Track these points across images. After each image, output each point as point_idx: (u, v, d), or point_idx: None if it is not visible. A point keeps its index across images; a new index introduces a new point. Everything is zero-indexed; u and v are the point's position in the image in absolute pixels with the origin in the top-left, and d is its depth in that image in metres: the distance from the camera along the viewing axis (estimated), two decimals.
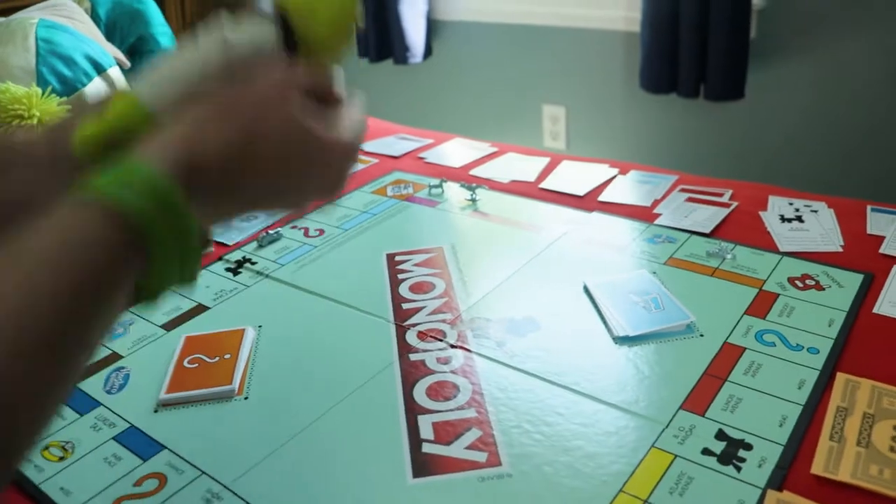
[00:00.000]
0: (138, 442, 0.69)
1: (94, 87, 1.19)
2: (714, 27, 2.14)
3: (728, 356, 0.74)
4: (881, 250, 0.92)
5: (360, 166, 1.32)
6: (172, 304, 0.92)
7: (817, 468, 0.60)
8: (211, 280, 0.97)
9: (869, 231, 0.98)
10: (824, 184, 2.10)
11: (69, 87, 1.14)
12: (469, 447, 0.64)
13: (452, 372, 0.74)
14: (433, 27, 2.88)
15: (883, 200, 1.07)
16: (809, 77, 2.21)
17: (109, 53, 1.27)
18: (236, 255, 1.02)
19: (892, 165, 2.17)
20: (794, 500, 0.57)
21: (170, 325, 0.87)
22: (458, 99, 2.96)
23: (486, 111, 2.90)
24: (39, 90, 1.03)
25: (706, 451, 0.62)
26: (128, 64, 1.33)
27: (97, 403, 0.75)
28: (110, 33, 1.36)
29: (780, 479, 0.59)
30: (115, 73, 1.25)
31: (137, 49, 1.40)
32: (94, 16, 1.34)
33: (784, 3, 2.17)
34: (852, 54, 2.13)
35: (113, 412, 0.73)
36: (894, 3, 2.02)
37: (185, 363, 0.79)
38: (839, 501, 0.57)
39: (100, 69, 1.21)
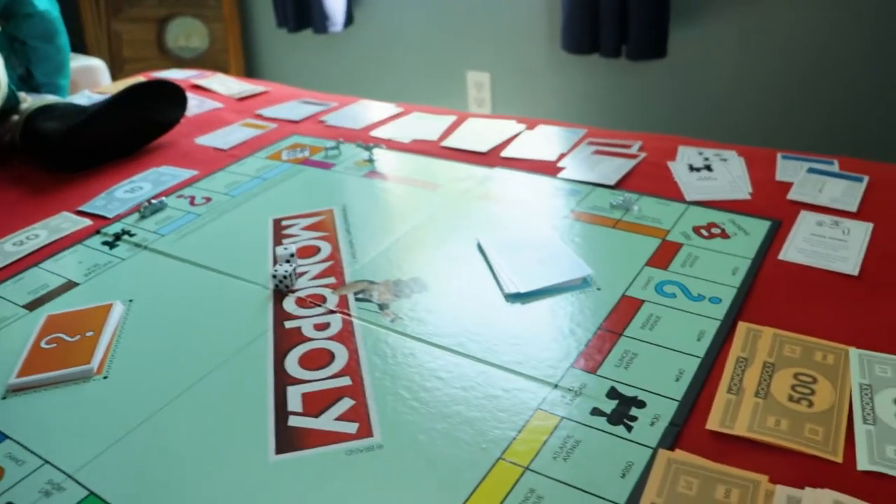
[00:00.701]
0: None
1: None
2: None
3: (625, 310, 0.69)
4: (789, 196, 0.89)
5: (257, 132, 1.24)
6: (39, 281, 0.84)
7: (713, 423, 0.56)
8: (84, 255, 0.89)
9: (778, 178, 0.94)
10: (745, 141, 2.08)
11: None
12: (339, 418, 0.59)
13: (329, 338, 0.68)
14: None
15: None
16: (732, 35, 2.19)
17: None
18: (115, 228, 0.95)
19: (810, 122, 2.16)
20: (686, 458, 0.52)
21: (33, 305, 0.80)
22: (381, 68, 2.89)
23: (409, 80, 2.84)
24: None
25: (596, 412, 0.58)
26: None
27: None
28: None
29: (672, 437, 0.55)
30: None
31: (12, 11, 1.30)
32: None
33: None
34: (774, 11, 2.12)
35: None
36: None
37: (43, 344, 0.72)
38: (734, 457, 0.53)
39: None
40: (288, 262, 0.78)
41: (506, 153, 1.06)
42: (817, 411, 0.56)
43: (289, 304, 0.74)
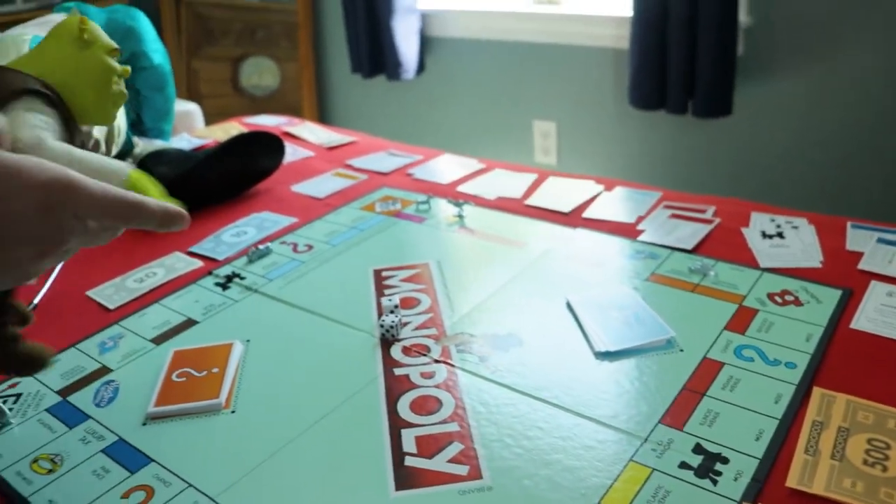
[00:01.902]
0: (126, 455, 0.70)
1: None
2: (701, 44, 2.17)
3: (707, 371, 0.75)
4: (859, 266, 0.94)
5: (349, 182, 1.33)
6: (161, 318, 0.93)
7: (792, 481, 0.61)
8: (200, 294, 0.98)
9: (848, 247, 0.99)
10: (810, 200, 2.12)
11: None
12: (451, 461, 0.66)
13: (436, 386, 0.76)
14: (426, 43, 2.91)
15: (868, 217, 1.08)
16: (796, 94, 2.24)
17: None
18: (226, 270, 1.04)
19: (877, 183, 2.19)
20: None
21: (159, 339, 0.88)
22: (450, 114, 2.98)
23: (477, 127, 2.92)
24: None
25: (683, 465, 0.64)
26: None
27: (86, 417, 0.76)
28: None
29: (755, 492, 0.61)
30: None
31: (130, 65, 1.41)
32: None
33: (770, 22, 2.20)
34: (838, 72, 2.16)
35: (102, 425, 0.74)
36: (877, 22, 2.05)
37: (174, 377, 0.80)
38: None
39: None
40: (392, 312, 0.86)
41: (587, 214, 1.13)
42: (891, 476, 0.61)
43: (396, 352, 0.82)
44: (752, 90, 2.29)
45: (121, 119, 1.29)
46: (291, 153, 1.48)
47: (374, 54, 2.90)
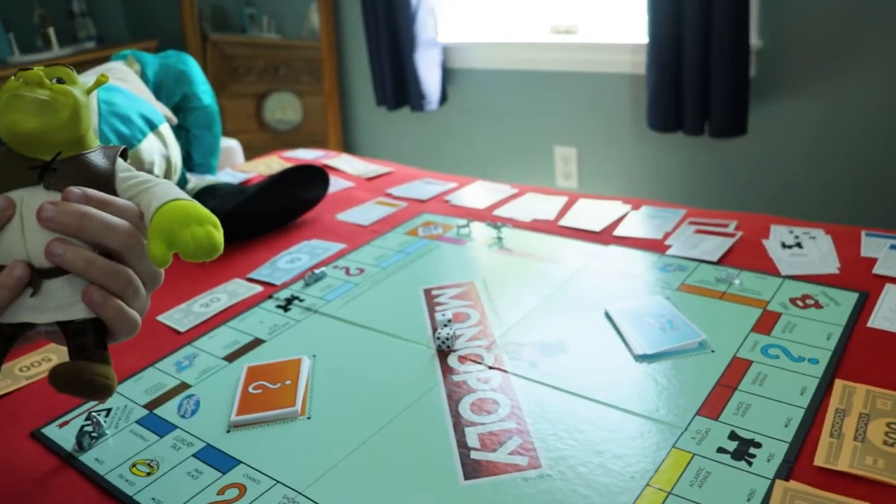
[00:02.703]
0: (216, 458, 0.78)
1: (148, 143, 1.31)
2: (715, 68, 2.25)
3: (737, 368, 0.83)
4: (874, 271, 1.01)
5: (391, 210, 1.42)
6: (230, 338, 1.01)
7: (819, 460, 0.69)
8: (264, 316, 1.06)
9: (863, 254, 1.07)
10: (824, 214, 2.18)
11: (126, 144, 1.25)
12: (512, 453, 0.73)
13: (492, 390, 0.84)
14: (448, 75, 3.01)
15: (880, 227, 1.16)
16: (808, 112, 2.31)
17: (159, 111, 1.38)
18: (285, 294, 1.12)
19: (888, 197, 2.26)
20: (799, 487, 0.65)
21: (230, 357, 0.97)
22: (473, 143, 3.07)
23: (500, 153, 3.01)
24: None
25: (721, 450, 0.71)
26: (175, 120, 1.44)
27: (173, 427, 0.84)
28: (158, 92, 1.47)
29: (786, 471, 0.68)
30: (165, 129, 1.37)
31: (182, 106, 1.52)
32: (143, 77, 1.46)
33: (781, 45, 2.28)
34: (847, 90, 2.23)
35: (189, 433, 0.82)
36: (885, 42, 2.12)
37: (250, 389, 0.88)
38: (839, 488, 0.65)
39: (152, 126, 1.33)
40: (447, 325, 0.94)
41: (617, 232, 1.22)
42: None
43: (452, 361, 0.90)
44: (765, 110, 2.36)
45: (176, 156, 1.38)
46: (333, 184, 1.57)
47: (398, 87, 3.00)
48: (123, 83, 1.35)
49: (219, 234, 0.62)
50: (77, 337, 0.62)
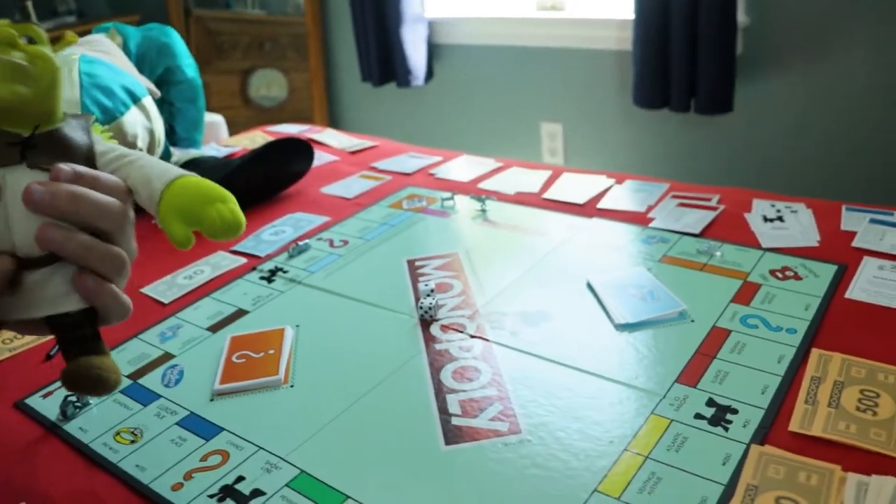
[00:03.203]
0: (199, 426, 0.78)
1: (131, 116, 1.30)
2: (702, 45, 2.25)
3: (716, 338, 0.84)
4: (853, 244, 1.02)
5: (375, 183, 1.42)
6: (214, 309, 1.01)
7: (794, 425, 0.70)
8: (248, 287, 1.06)
9: (843, 227, 1.08)
10: (807, 190, 2.20)
11: (109, 116, 1.25)
12: (492, 419, 0.74)
13: (474, 358, 0.84)
14: (434, 51, 3.00)
15: (861, 202, 1.17)
16: (793, 90, 2.32)
17: (142, 84, 1.37)
18: (269, 265, 1.12)
19: (870, 174, 2.27)
20: (774, 452, 0.67)
21: (214, 328, 0.97)
22: (460, 118, 3.07)
23: (486, 130, 3.01)
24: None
25: (698, 416, 0.72)
26: (158, 94, 1.44)
27: (157, 396, 0.84)
28: (140, 65, 1.46)
29: (762, 436, 0.69)
30: (148, 102, 1.36)
31: (165, 79, 1.51)
32: (126, 49, 1.45)
33: (767, 22, 2.29)
34: (832, 69, 2.24)
35: (173, 402, 0.82)
36: (870, 21, 2.13)
37: (234, 359, 0.89)
38: (812, 452, 0.66)
39: (135, 99, 1.32)
40: (429, 296, 0.95)
41: (601, 205, 1.22)
42: (881, 419, 0.69)
43: (435, 330, 0.90)
44: (751, 88, 2.37)
45: (159, 129, 1.38)
46: (317, 158, 1.57)
47: (384, 63, 2.99)
48: (106, 55, 1.35)
49: (241, 212, 0.61)
50: (73, 330, 0.57)
